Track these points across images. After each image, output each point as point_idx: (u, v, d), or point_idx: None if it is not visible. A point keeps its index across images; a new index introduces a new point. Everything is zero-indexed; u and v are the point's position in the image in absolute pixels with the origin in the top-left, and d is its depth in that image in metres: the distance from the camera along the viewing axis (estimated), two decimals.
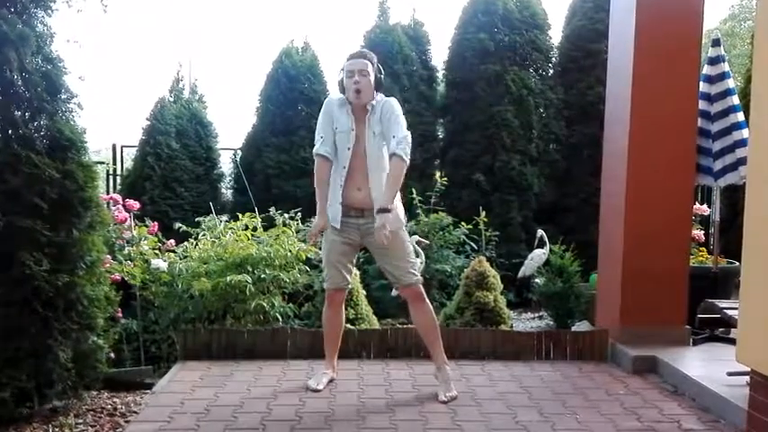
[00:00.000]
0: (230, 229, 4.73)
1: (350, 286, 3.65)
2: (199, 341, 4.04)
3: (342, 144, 3.36)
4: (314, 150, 3.44)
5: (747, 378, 2.92)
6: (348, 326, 4.31)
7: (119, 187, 6.94)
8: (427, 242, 5.35)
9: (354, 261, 3.66)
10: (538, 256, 5.71)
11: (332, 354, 3.65)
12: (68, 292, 3.04)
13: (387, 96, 3.43)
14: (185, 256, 4.62)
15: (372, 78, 3.33)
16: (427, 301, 3.45)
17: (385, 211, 3.18)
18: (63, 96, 3.13)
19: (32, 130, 3.04)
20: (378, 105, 3.36)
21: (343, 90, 3.39)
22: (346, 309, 4.45)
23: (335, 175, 3.39)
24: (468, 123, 6.93)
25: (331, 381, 3.58)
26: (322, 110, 3.45)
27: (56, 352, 2.99)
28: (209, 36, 29.57)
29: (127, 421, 3.11)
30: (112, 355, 3.82)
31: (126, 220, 4.71)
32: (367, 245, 3.46)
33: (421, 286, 3.43)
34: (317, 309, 4.74)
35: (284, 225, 4.77)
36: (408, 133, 3.30)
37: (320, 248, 4.83)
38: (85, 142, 3.18)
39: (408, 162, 3.26)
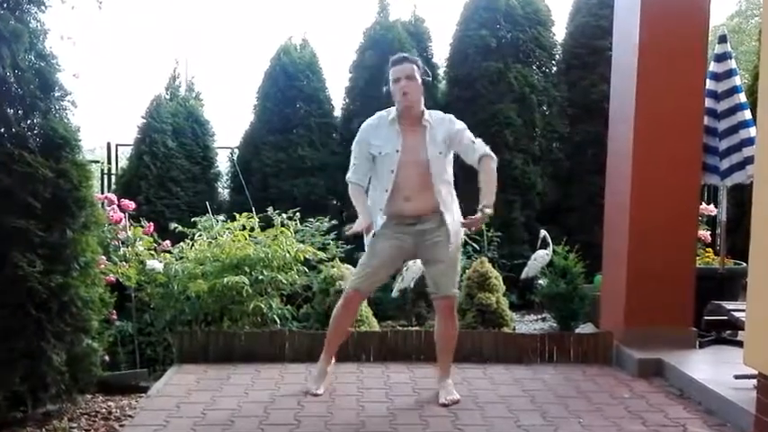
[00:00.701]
0: (227, 229, 4.74)
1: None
2: (195, 344, 4.04)
3: (385, 166, 3.31)
4: (347, 177, 3.47)
5: (755, 381, 2.91)
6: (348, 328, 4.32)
7: (113, 187, 6.93)
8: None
9: (393, 271, 3.65)
10: (541, 256, 5.70)
11: (332, 351, 3.59)
12: (62, 293, 3.04)
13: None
14: (181, 257, 4.62)
15: (420, 81, 3.32)
16: (456, 316, 3.46)
17: (488, 207, 3.22)
18: (57, 94, 3.13)
19: (25, 129, 3.04)
20: (437, 118, 3.38)
21: (390, 97, 3.38)
22: None
23: (379, 192, 3.35)
24: (470, 122, 6.75)
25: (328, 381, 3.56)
26: (358, 134, 3.44)
27: (49, 355, 2.99)
28: (206, 33, 29.55)
29: (122, 425, 3.11)
30: (107, 357, 3.82)
31: (121, 220, 4.71)
32: (420, 251, 3.40)
33: (456, 300, 3.45)
34: (315, 311, 4.74)
35: (282, 225, 4.77)
36: None
37: (319, 248, 4.87)
38: (80, 140, 3.18)
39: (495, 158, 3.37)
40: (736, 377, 3.24)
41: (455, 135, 3.35)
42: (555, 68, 7.30)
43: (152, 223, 4.98)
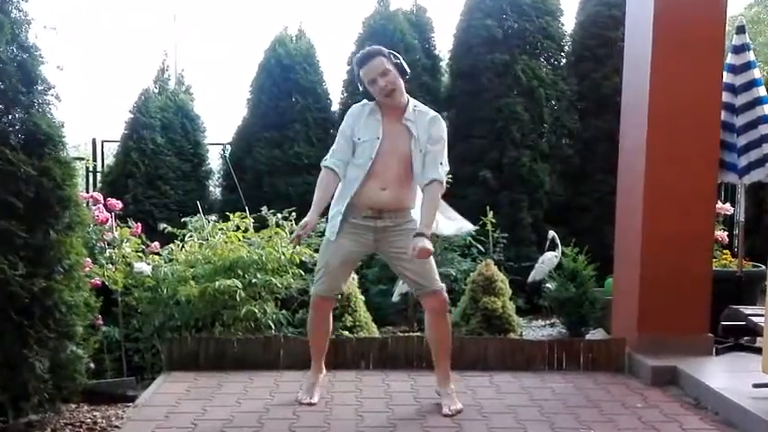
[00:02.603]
0: (219, 230, 4.74)
1: (342, 294, 3.62)
2: (185, 350, 4.04)
3: (364, 153, 3.31)
4: (322, 161, 3.42)
5: None
6: (346, 333, 4.32)
7: (99, 185, 6.94)
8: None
9: (354, 269, 3.65)
10: (549, 259, 5.72)
11: (319, 359, 3.62)
12: (45, 297, 3.04)
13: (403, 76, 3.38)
14: (171, 260, 4.62)
15: (394, 71, 3.28)
16: (448, 315, 3.44)
17: (422, 236, 3.14)
18: (39, 88, 3.13)
19: (6, 124, 3.04)
20: (420, 116, 3.33)
21: (371, 98, 3.38)
22: (344, 315, 4.48)
23: (353, 179, 3.33)
24: (475, 116, 6.93)
25: (321, 386, 3.56)
26: (344, 120, 3.42)
27: (31, 362, 2.99)
28: (196, 23, 29.57)
29: None
30: (92, 365, 3.82)
31: (107, 220, 4.71)
32: (381, 250, 3.42)
33: (446, 295, 3.41)
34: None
35: (277, 226, 4.77)
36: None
37: (315, 250, 4.86)
38: (64, 137, 3.18)
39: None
40: (755, 386, 3.25)
41: (435, 142, 3.31)
42: (564, 60, 7.31)
43: (140, 224, 4.97)
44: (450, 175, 5.99)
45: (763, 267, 5.04)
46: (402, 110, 3.33)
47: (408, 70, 3.37)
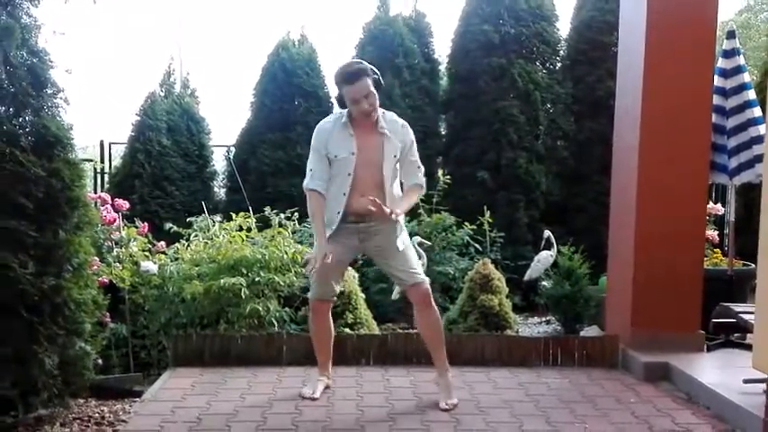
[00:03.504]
0: (224, 229, 4.74)
1: (337, 295, 3.63)
2: (190, 347, 4.04)
3: (341, 169, 3.31)
4: (304, 185, 3.39)
5: (764, 386, 2.92)
6: (347, 331, 4.32)
7: (107, 186, 6.94)
8: (429, 243, 5.35)
9: (346, 269, 3.66)
10: (545, 257, 5.72)
11: (325, 361, 3.65)
12: (54, 295, 3.04)
13: (386, 94, 3.42)
14: (176, 258, 4.62)
15: (375, 91, 3.29)
16: (434, 305, 3.45)
17: (392, 213, 3.20)
18: (49, 91, 3.13)
19: (17, 126, 3.04)
20: (393, 124, 3.35)
21: (343, 105, 3.38)
22: (344, 313, 4.48)
23: (336, 195, 3.33)
24: (472, 119, 6.93)
25: (327, 387, 3.57)
26: (313, 138, 3.41)
27: (41, 358, 2.99)
28: (201, 28, 29.56)
29: (115, 430, 3.11)
30: (100, 361, 3.82)
31: (114, 220, 4.71)
32: (367, 250, 3.47)
33: (429, 287, 3.42)
34: None
35: (280, 225, 4.77)
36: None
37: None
38: (72, 139, 3.18)
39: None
40: (746, 381, 3.24)
41: (406, 148, 3.38)
42: (559, 64, 7.32)
43: (146, 223, 4.98)
44: (448, 176, 6.09)
45: (753, 266, 5.00)
46: (374, 121, 3.33)
47: (382, 83, 3.39)
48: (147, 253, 4.67)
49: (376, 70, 3.35)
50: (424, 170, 3.51)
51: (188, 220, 5.06)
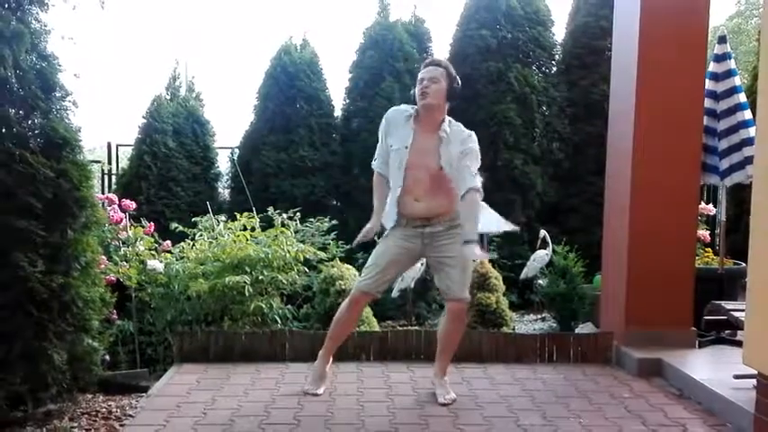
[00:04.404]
0: (228, 229, 4.74)
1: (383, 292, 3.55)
2: (195, 343, 4.04)
3: (396, 161, 3.29)
4: (372, 163, 3.47)
5: (754, 381, 2.92)
6: None
7: (114, 187, 6.94)
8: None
9: (401, 272, 3.64)
10: (540, 257, 5.72)
11: (332, 349, 3.58)
12: (63, 293, 3.04)
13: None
14: (182, 257, 4.63)
15: (444, 86, 3.27)
16: (464, 321, 3.45)
17: (471, 242, 3.16)
18: (57, 94, 3.14)
19: (26, 129, 3.04)
20: (459, 132, 3.31)
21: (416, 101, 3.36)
22: None
23: (394, 187, 3.33)
24: (470, 121, 6.78)
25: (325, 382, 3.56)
26: (383, 121, 3.42)
27: (50, 354, 2.99)
28: (206, 33, 29.57)
29: (122, 425, 3.11)
30: (108, 357, 3.83)
31: (121, 220, 4.71)
32: (428, 254, 3.39)
33: (468, 305, 3.43)
34: (315, 310, 4.75)
35: (283, 225, 4.78)
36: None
37: (319, 248, 4.87)
38: (80, 141, 3.18)
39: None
40: (736, 377, 3.25)
41: (468, 153, 3.28)
42: (555, 68, 7.31)
43: (152, 223, 4.98)
44: None
45: (744, 265, 5.02)
46: (437, 124, 3.30)
47: (456, 97, 3.35)
48: (153, 252, 4.68)
49: (459, 81, 3.35)
50: None
51: (193, 219, 5.06)
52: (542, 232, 5.80)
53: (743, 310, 3.06)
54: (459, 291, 3.32)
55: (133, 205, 4.96)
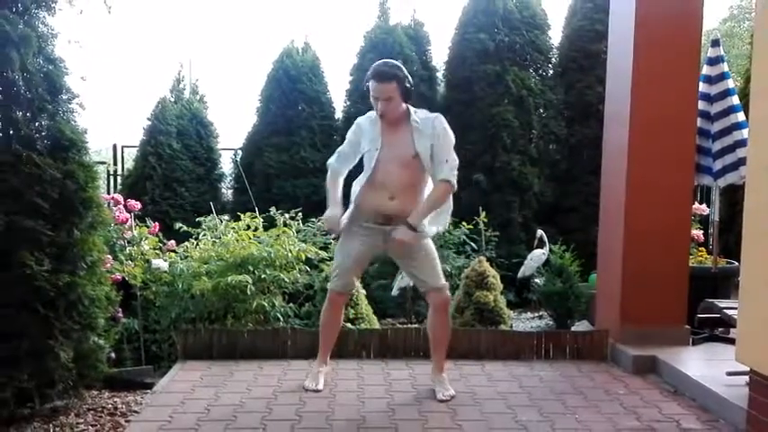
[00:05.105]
0: (231, 228, 4.74)
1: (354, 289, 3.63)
2: (199, 341, 4.04)
3: (367, 162, 3.34)
4: (328, 161, 3.50)
5: (747, 378, 2.92)
6: (348, 325, 4.32)
7: (119, 187, 6.95)
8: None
9: (366, 267, 3.66)
10: (537, 256, 5.72)
11: (327, 351, 3.62)
12: (69, 292, 3.04)
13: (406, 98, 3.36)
14: (186, 256, 4.63)
15: (399, 98, 3.24)
16: (449, 312, 3.43)
17: (411, 227, 3.17)
18: (64, 97, 3.13)
19: (33, 131, 3.04)
20: (427, 121, 3.30)
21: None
22: (346, 308, 4.46)
23: (365, 183, 3.33)
24: (469, 124, 6.92)
25: (324, 377, 3.56)
26: (354, 125, 3.46)
27: (57, 352, 2.99)
28: (209, 36, 29.56)
29: (127, 421, 3.11)
30: (113, 354, 3.82)
31: (127, 220, 4.71)
32: (391, 251, 3.41)
33: (448, 293, 3.41)
34: (317, 309, 4.73)
35: (285, 225, 4.77)
36: (457, 158, 3.30)
37: (320, 247, 4.87)
38: (86, 142, 3.18)
39: (456, 188, 3.29)
40: (729, 374, 3.24)
41: (440, 143, 3.27)
42: (551, 71, 7.31)
43: (157, 223, 4.98)
44: None
45: (736, 264, 5.03)
46: (401, 118, 3.31)
47: (412, 95, 3.33)
48: (157, 251, 4.68)
49: (410, 80, 3.30)
50: None
51: (197, 219, 5.06)
52: (539, 232, 5.80)
53: (736, 308, 3.06)
54: (433, 281, 3.34)
55: (138, 205, 4.95)
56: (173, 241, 4.91)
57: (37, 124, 3.06)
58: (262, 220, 4.83)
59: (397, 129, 3.31)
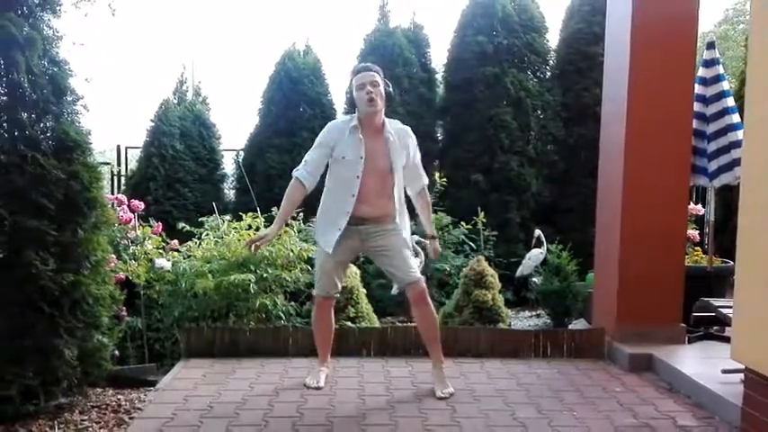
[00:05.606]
0: (233, 228, 4.74)
1: (339, 291, 3.64)
2: (202, 339, 4.04)
3: (349, 172, 3.30)
4: (294, 171, 3.43)
5: (742, 375, 2.92)
6: (348, 324, 4.32)
7: (123, 188, 6.94)
8: (426, 242, 5.34)
9: (348, 267, 3.68)
10: (535, 255, 5.72)
11: (325, 352, 3.65)
12: (74, 291, 3.04)
13: (387, 102, 3.42)
14: (189, 256, 4.62)
15: (382, 89, 3.32)
16: (430, 302, 3.44)
17: (433, 237, 3.63)
18: (69, 98, 3.13)
19: (38, 132, 3.04)
20: (399, 132, 3.39)
21: (354, 108, 3.39)
22: (347, 308, 4.47)
23: (342, 196, 3.33)
24: (467, 125, 6.93)
25: (326, 376, 3.57)
26: (322, 134, 3.40)
27: (61, 350, 2.99)
28: (212, 38, 29.57)
29: (131, 418, 3.11)
30: (117, 352, 3.83)
31: (130, 220, 4.71)
32: (366, 249, 3.47)
33: (425, 285, 3.42)
34: None
35: (286, 225, 4.76)
36: None
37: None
38: (90, 143, 3.18)
39: None
40: (724, 371, 3.25)
41: (412, 152, 3.44)
42: (549, 73, 7.31)
43: (160, 223, 4.99)
44: (445, 179, 6.08)
45: (732, 263, 5.02)
46: (381, 127, 3.35)
47: (389, 98, 3.45)
48: (161, 251, 4.68)
49: (389, 83, 3.42)
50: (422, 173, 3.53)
51: (199, 219, 5.06)
52: (537, 232, 5.80)
53: (731, 307, 3.06)
54: (408, 275, 3.36)
55: (142, 205, 4.96)
56: (175, 241, 4.92)
57: (42, 125, 3.06)
58: (263, 219, 4.83)
59: (376, 140, 3.33)
